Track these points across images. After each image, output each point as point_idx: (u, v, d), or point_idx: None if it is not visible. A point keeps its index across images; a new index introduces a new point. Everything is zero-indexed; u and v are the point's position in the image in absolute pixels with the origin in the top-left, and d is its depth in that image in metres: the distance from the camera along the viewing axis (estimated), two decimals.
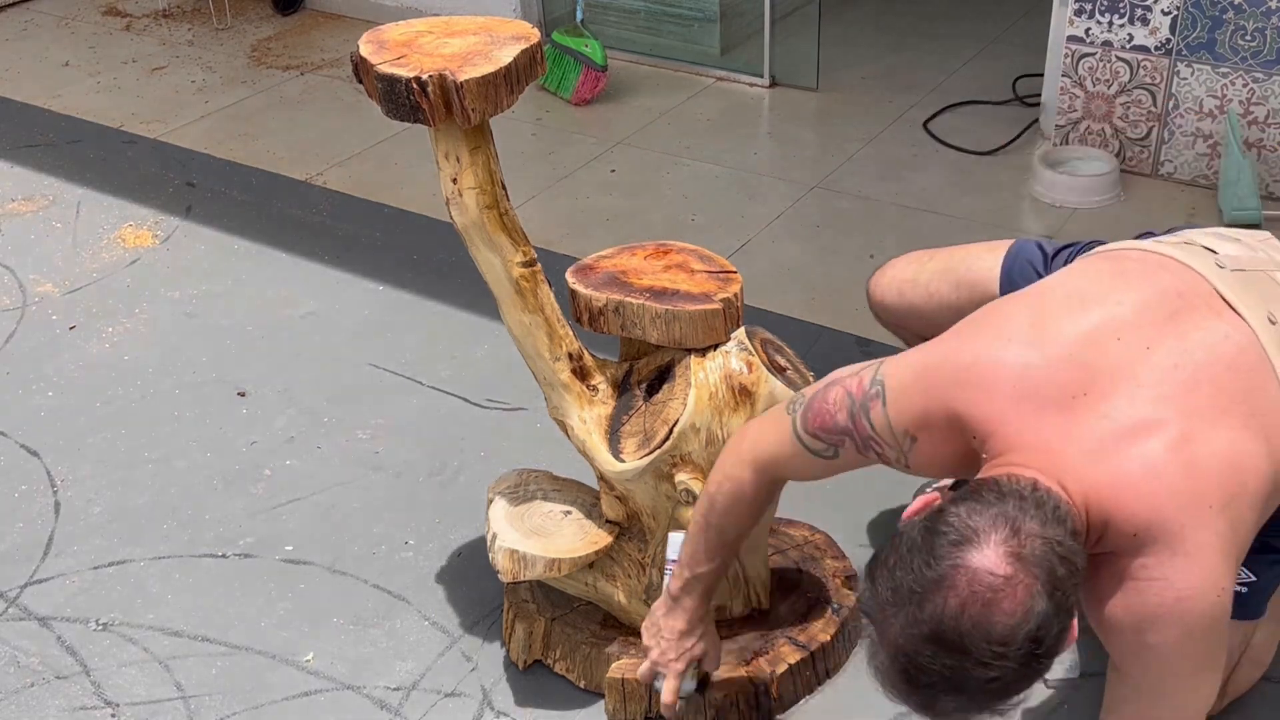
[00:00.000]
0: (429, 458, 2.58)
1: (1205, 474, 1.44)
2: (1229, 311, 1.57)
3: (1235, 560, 1.46)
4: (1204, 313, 1.56)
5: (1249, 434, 1.47)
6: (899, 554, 1.40)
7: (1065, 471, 1.44)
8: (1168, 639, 1.44)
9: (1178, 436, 1.44)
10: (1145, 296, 1.58)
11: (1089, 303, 1.58)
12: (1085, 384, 1.49)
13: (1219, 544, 1.43)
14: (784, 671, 1.96)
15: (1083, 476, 1.44)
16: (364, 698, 2.06)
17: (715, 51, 4.36)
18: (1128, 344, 1.52)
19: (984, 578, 1.33)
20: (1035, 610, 1.33)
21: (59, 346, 3.00)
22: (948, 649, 1.33)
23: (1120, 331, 1.53)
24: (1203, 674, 1.49)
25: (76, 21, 5.10)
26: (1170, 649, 1.45)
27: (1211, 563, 1.42)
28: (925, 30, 4.65)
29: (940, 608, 1.33)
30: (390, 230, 3.43)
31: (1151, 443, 1.44)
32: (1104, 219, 3.31)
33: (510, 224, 1.81)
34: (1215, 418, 1.47)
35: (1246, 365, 1.52)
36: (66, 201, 3.67)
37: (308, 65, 4.59)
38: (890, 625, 1.38)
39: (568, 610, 2.08)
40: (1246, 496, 1.46)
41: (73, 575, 2.33)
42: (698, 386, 1.80)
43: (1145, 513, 1.42)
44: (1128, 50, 3.37)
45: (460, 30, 1.77)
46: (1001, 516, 1.37)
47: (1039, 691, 1.99)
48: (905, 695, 1.40)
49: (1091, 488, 1.44)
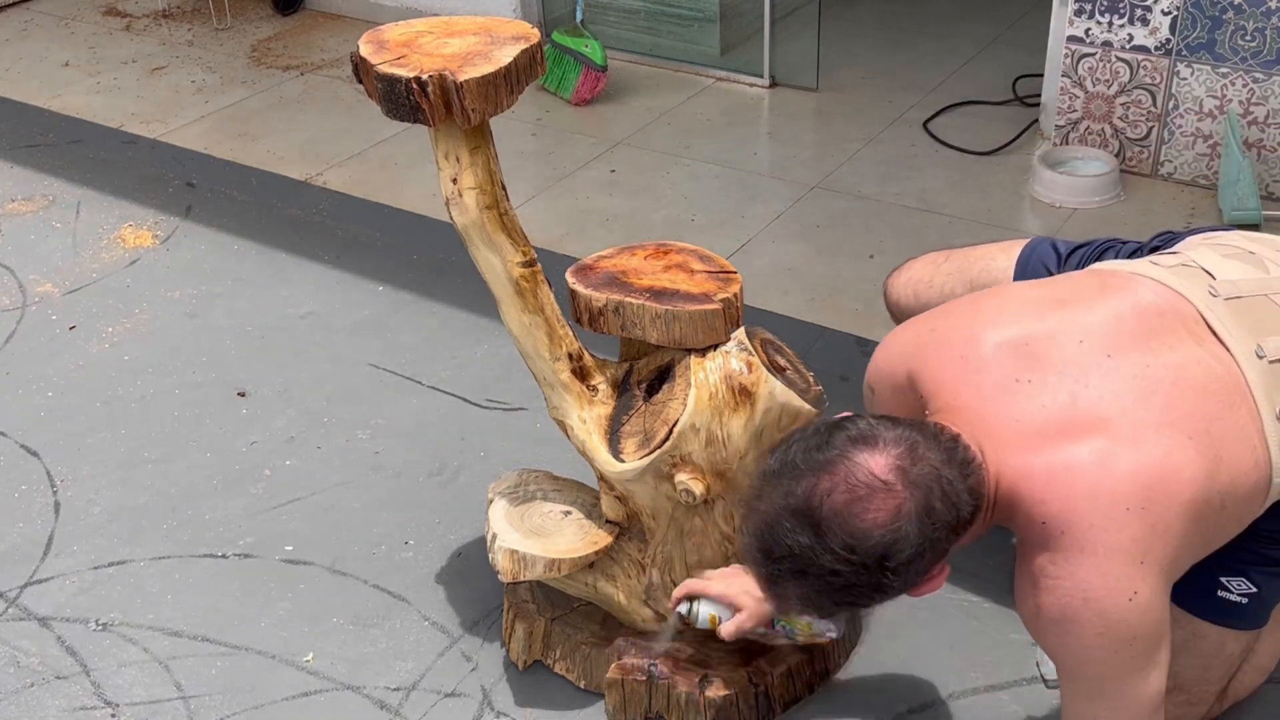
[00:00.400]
0: (429, 458, 2.58)
1: (1128, 477, 1.44)
2: (1212, 339, 1.57)
3: (1159, 568, 1.45)
4: (1181, 335, 1.56)
5: (1194, 449, 1.47)
6: (802, 435, 1.47)
7: (989, 440, 1.49)
8: (1086, 638, 1.46)
9: (1111, 439, 1.46)
10: (1121, 310, 1.59)
11: (1063, 305, 1.61)
12: (1032, 372, 1.53)
13: (1133, 549, 1.43)
14: (784, 671, 1.96)
15: (1003, 452, 1.48)
16: (364, 698, 2.06)
17: (715, 52, 4.36)
18: (1089, 348, 1.54)
19: (864, 475, 1.40)
20: (898, 526, 1.39)
21: (59, 346, 3.00)
22: (806, 527, 1.40)
23: (1085, 335, 1.56)
24: (1137, 675, 1.49)
25: (76, 21, 5.10)
26: (1092, 648, 1.46)
27: (1121, 566, 1.43)
28: (925, 30, 4.65)
29: (813, 487, 1.41)
30: (390, 230, 3.43)
31: (1082, 441, 1.46)
32: (1104, 219, 3.31)
33: (510, 224, 1.81)
34: (1159, 429, 1.47)
35: (1216, 391, 1.52)
36: (66, 201, 3.67)
37: (308, 65, 4.59)
38: (767, 494, 1.45)
39: (568, 610, 2.08)
40: (1176, 505, 1.45)
41: (73, 575, 2.33)
42: (698, 387, 1.80)
43: (1056, 503, 1.45)
44: (1128, 50, 3.37)
45: (460, 30, 1.77)
46: (907, 439, 1.43)
47: (1042, 692, 2.00)
48: (759, 566, 1.47)
49: (1008, 464, 1.48)
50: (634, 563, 1.98)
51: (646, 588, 1.98)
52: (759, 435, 1.83)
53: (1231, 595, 1.72)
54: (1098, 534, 1.43)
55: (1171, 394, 1.50)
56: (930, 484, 1.41)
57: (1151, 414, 1.48)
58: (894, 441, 1.43)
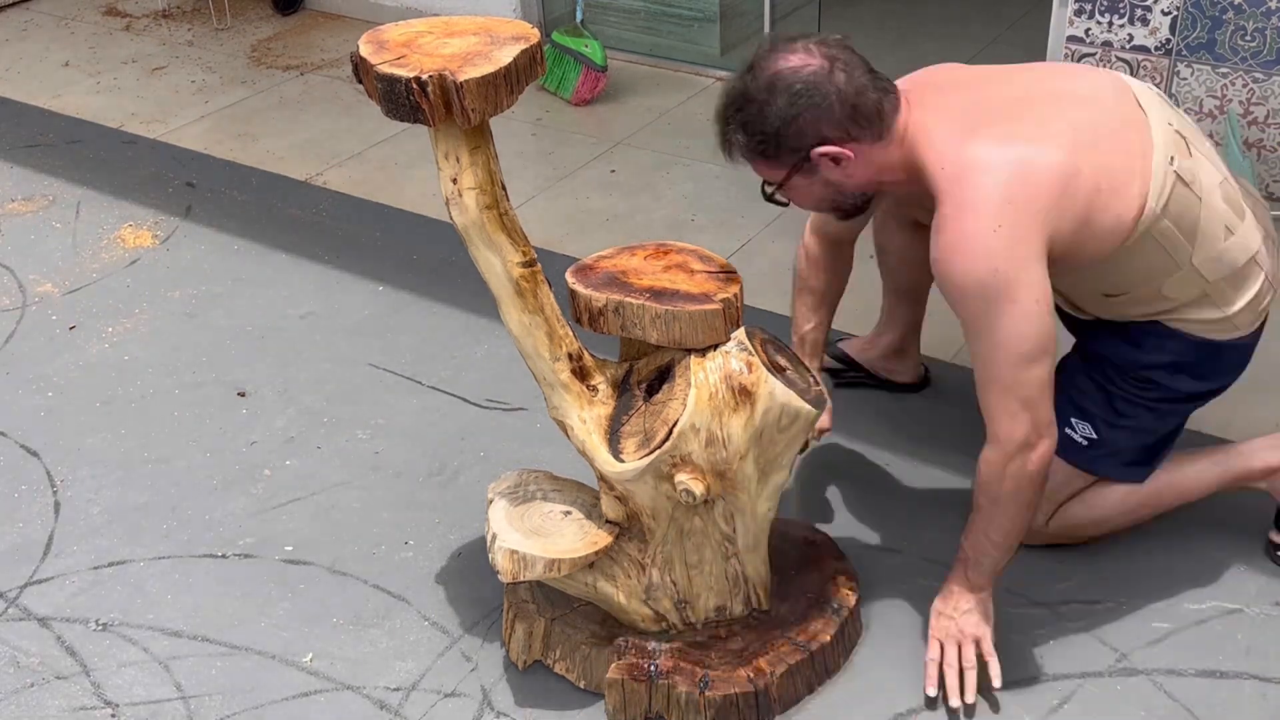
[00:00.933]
0: (429, 458, 2.58)
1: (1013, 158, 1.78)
2: (1134, 104, 1.90)
3: (1017, 206, 1.75)
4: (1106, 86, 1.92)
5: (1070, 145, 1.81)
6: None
7: (916, 106, 1.87)
8: (966, 274, 1.76)
9: (1012, 130, 1.81)
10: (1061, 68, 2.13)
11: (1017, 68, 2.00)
12: (971, 84, 1.94)
13: (1000, 191, 1.75)
14: (784, 671, 1.96)
15: (923, 112, 1.86)
16: (364, 698, 2.06)
17: (715, 52, 4.36)
18: (1036, 76, 1.97)
19: (795, 57, 1.83)
20: (800, 68, 1.81)
21: (59, 346, 3.00)
22: (744, 73, 1.86)
23: (1032, 71, 1.99)
24: (1013, 307, 1.76)
25: (76, 21, 5.10)
26: (971, 284, 1.76)
27: (990, 207, 1.75)
28: (925, 30, 4.65)
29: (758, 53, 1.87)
30: (390, 230, 3.43)
31: (987, 125, 1.82)
32: None
33: (510, 224, 1.81)
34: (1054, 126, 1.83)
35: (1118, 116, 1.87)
36: (66, 201, 3.67)
37: (308, 65, 4.59)
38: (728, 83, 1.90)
39: (567, 610, 2.08)
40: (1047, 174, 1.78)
41: (73, 575, 2.33)
42: (698, 387, 1.80)
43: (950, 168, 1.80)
44: (1127, 50, 3.37)
45: (460, 30, 1.77)
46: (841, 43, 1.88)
47: (1042, 692, 2.00)
48: (718, 124, 1.90)
49: (919, 122, 1.86)
50: (634, 563, 1.98)
51: (646, 588, 1.98)
52: (759, 435, 1.83)
53: (1075, 435, 2.10)
54: (976, 191, 1.77)
55: (1071, 107, 1.87)
56: (838, 59, 1.82)
57: (1050, 120, 1.84)
58: (828, 42, 1.86)
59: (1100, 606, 2.15)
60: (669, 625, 2.03)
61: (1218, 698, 1.97)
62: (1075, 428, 2.10)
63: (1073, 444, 2.10)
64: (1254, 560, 2.21)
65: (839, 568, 2.14)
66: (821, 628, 2.02)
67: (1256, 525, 2.27)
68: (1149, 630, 2.10)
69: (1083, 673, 2.03)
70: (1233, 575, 2.19)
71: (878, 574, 2.23)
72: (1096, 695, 1.99)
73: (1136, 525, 2.21)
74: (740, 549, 1.97)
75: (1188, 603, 2.14)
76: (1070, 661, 2.05)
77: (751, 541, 1.97)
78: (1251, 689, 1.99)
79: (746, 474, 1.86)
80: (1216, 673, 2.02)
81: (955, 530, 2.34)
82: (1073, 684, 2.01)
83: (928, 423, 2.57)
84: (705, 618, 2.04)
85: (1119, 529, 2.21)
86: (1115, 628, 2.10)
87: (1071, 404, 2.08)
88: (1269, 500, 2.21)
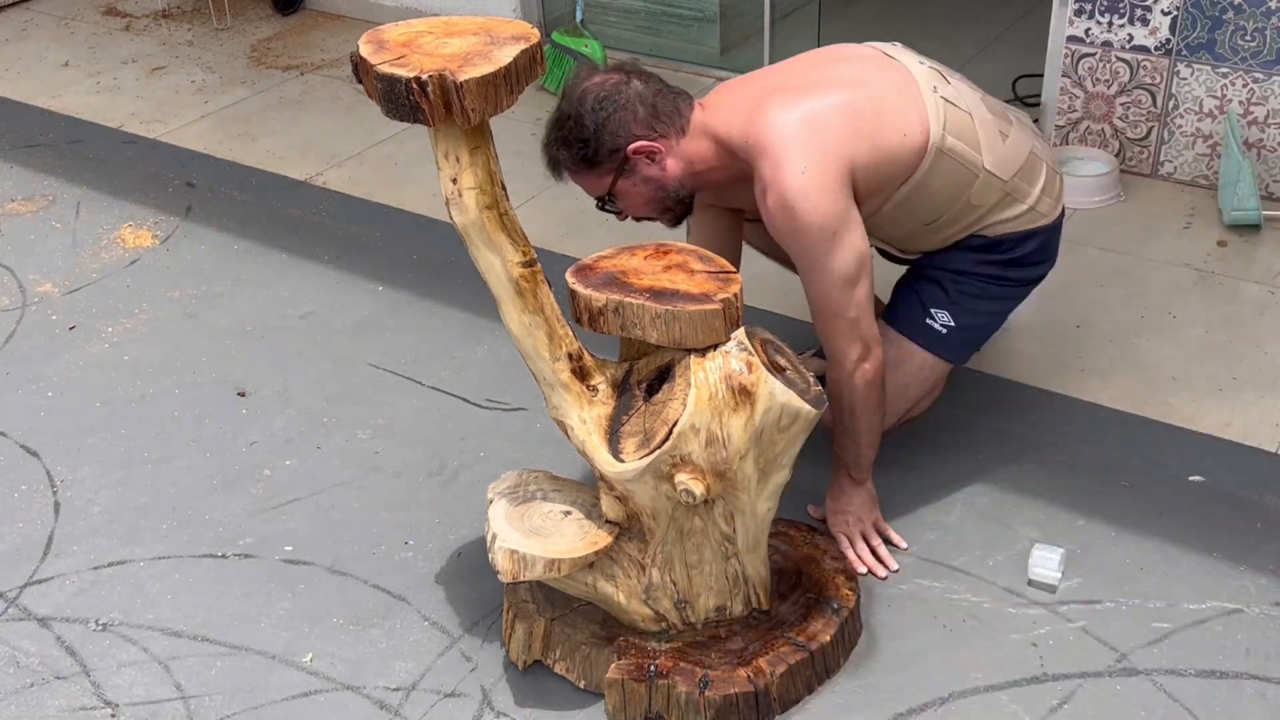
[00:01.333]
0: (429, 458, 2.58)
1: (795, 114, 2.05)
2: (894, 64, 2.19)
3: (815, 147, 2.02)
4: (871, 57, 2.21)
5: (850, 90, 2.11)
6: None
7: (710, 105, 2.17)
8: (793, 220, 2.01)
9: (792, 95, 2.08)
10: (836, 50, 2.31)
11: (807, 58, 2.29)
12: (752, 77, 2.24)
13: (798, 139, 2.02)
14: (784, 671, 1.96)
15: (716, 106, 2.16)
16: (364, 698, 2.06)
17: (715, 51, 4.36)
18: (807, 57, 2.26)
19: (597, 77, 2.11)
20: (601, 83, 2.08)
21: (59, 346, 3.00)
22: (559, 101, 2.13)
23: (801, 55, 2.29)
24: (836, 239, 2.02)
25: (76, 21, 5.10)
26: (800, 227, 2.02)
27: (793, 154, 2.01)
28: (925, 30, 4.65)
29: (565, 88, 2.15)
30: (390, 230, 3.43)
31: (770, 97, 2.09)
32: (1104, 219, 3.31)
33: (510, 224, 1.81)
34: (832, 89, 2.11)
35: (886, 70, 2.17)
36: (66, 201, 3.67)
37: (308, 65, 4.59)
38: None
39: (568, 610, 2.08)
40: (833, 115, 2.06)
41: (72, 575, 2.33)
42: (697, 387, 1.80)
43: (754, 134, 2.05)
44: (1128, 50, 3.37)
45: (460, 30, 1.77)
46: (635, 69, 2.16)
47: (1042, 692, 2.00)
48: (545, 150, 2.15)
49: (714, 112, 2.14)
50: (634, 563, 1.98)
51: (646, 588, 1.98)
52: (759, 435, 1.83)
53: (935, 324, 2.30)
54: (779, 145, 2.02)
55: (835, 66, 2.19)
56: (634, 74, 2.11)
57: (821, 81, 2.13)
58: (624, 66, 2.14)
59: (1100, 606, 2.15)
60: (669, 625, 2.03)
61: (1218, 698, 1.97)
62: (936, 318, 2.31)
63: (937, 334, 2.31)
64: (1254, 560, 2.22)
65: (839, 568, 2.14)
66: (821, 628, 2.02)
67: (1257, 525, 2.27)
68: (1149, 630, 2.10)
69: (1083, 673, 2.03)
70: (1233, 575, 2.19)
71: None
72: (1096, 695, 1.99)
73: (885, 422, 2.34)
74: (740, 549, 1.97)
75: (1188, 603, 2.14)
76: (1070, 661, 2.05)
77: (751, 541, 1.97)
78: (1251, 689, 1.99)
79: (746, 474, 1.86)
80: (1216, 673, 2.02)
81: (955, 530, 2.34)
82: (1073, 684, 2.01)
83: (927, 422, 2.57)
84: (705, 618, 2.04)
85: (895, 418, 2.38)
86: (1115, 628, 2.10)
87: (929, 298, 2.32)
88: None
